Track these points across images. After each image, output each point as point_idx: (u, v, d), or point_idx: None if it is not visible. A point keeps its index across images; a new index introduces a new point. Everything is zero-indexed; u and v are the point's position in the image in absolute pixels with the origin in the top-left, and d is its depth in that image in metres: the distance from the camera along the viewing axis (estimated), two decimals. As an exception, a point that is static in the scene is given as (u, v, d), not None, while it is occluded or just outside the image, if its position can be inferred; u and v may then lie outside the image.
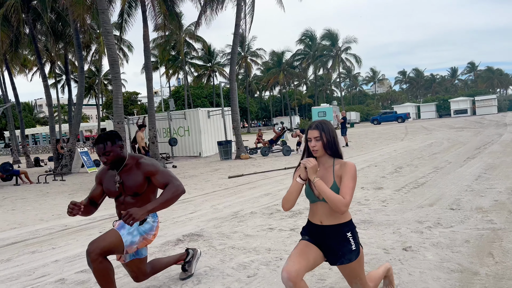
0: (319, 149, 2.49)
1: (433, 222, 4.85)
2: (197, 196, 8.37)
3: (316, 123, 2.56)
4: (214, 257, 4.21)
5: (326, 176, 2.47)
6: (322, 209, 2.49)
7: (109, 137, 2.97)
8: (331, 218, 2.47)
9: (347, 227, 2.49)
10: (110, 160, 2.97)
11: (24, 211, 8.45)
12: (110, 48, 11.52)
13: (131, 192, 3.03)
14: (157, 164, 3.09)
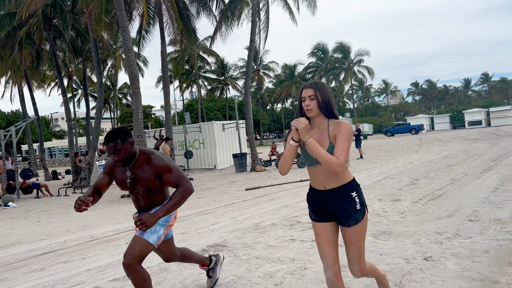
0: (314, 108, 2.39)
1: (452, 233, 4.95)
2: (216, 208, 8.56)
3: (310, 82, 2.48)
4: (240, 267, 4.38)
5: (322, 139, 2.39)
6: (323, 171, 2.41)
7: (119, 135, 2.91)
8: (334, 181, 2.41)
9: (351, 186, 2.44)
10: (121, 158, 2.93)
11: (49, 223, 8.73)
12: (130, 64, 11.92)
13: (143, 188, 3.02)
14: (168, 161, 3.04)
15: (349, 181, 2.44)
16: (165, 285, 4.01)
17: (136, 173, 3.00)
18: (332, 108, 2.41)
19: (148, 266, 4.68)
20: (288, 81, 59.42)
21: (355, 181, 2.49)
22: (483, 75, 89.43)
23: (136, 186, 3.03)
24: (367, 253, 4.37)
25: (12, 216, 10.16)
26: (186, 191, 2.99)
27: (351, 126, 2.39)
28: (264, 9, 17.83)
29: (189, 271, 4.39)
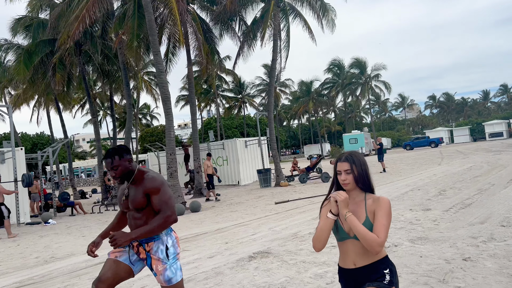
0: (350, 183, 2.32)
1: (487, 237, 5.24)
2: (252, 220, 8.95)
3: (346, 155, 2.40)
4: (289, 270, 4.76)
5: (357, 212, 2.29)
6: (354, 247, 2.28)
7: (117, 152, 2.98)
8: (365, 257, 2.26)
9: (384, 264, 2.26)
10: (118, 174, 2.96)
11: (93, 237, 9.23)
12: (163, 86, 12.57)
13: (133, 207, 2.97)
14: (159, 183, 2.96)
15: (382, 258, 2.27)
16: (224, 286, 4.41)
17: (130, 191, 3.00)
18: (369, 181, 2.33)
19: (202, 271, 5.10)
20: (305, 97, 59.95)
21: (389, 259, 2.31)
22: (502, 86, 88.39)
23: (129, 204, 3.00)
24: (407, 257, 4.73)
25: (55, 232, 10.73)
26: (165, 218, 2.86)
27: (390, 202, 2.28)
28: (285, 29, 18.46)
29: (243, 273, 4.79)
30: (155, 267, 2.92)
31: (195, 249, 6.52)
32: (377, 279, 2.20)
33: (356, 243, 2.23)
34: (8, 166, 13.50)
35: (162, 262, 2.92)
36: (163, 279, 2.91)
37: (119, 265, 2.96)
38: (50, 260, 7.00)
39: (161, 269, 2.92)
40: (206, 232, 8.09)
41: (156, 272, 2.93)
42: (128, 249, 3.03)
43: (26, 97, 29.78)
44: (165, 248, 2.95)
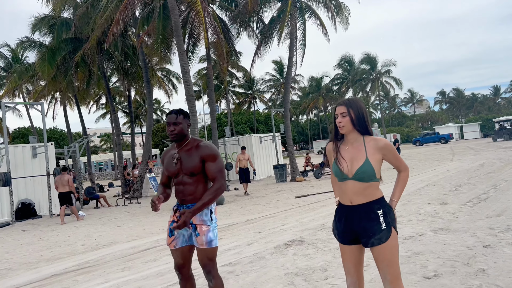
0: (346, 125, 2.45)
1: (504, 228, 5.75)
2: (277, 213, 9.53)
3: (343, 100, 2.54)
4: (326, 255, 5.32)
5: (357, 156, 2.44)
6: (352, 187, 2.45)
7: (182, 111, 3.24)
8: (361, 197, 2.44)
9: (378, 204, 2.44)
10: (177, 130, 3.15)
11: (129, 227, 9.88)
12: (187, 85, 13.16)
13: (187, 171, 3.13)
14: (216, 151, 3.18)
15: (377, 199, 2.44)
16: (268, 269, 4.97)
17: (183, 156, 3.17)
18: (366, 124, 2.46)
19: (245, 256, 5.68)
20: (315, 93, 60.30)
21: (384, 200, 2.48)
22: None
23: (181, 169, 3.16)
24: (432, 245, 5.25)
25: (89, 223, 11.39)
26: (219, 188, 3.08)
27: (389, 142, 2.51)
28: (301, 28, 18.91)
29: (283, 258, 5.36)
30: (199, 228, 3.08)
31: (231, 238, 7.10)
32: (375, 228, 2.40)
33: (354, 183, 2.44)
34: (40, 160, 14.20)
35: (206, 224, 3.10)
36: (205, 240, 3.07)
37: (182, 250, 3.22)
38: (97, 247, 7.63)
39: (205, 230, 3.09)
40: (237, 223, 8.68)
41: (200, 233, 3.08)
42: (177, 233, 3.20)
43: (44, 94, 30.59)
44: (209, 212, 3.15)
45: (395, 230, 2.44)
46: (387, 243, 2.38)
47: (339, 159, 2.49)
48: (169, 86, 41.05)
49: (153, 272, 5.36)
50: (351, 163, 2.45)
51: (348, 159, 2.47)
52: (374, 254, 2.45)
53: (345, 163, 2.46)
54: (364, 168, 2.40)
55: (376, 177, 2.43)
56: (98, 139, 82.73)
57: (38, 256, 7.37)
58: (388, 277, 2.40)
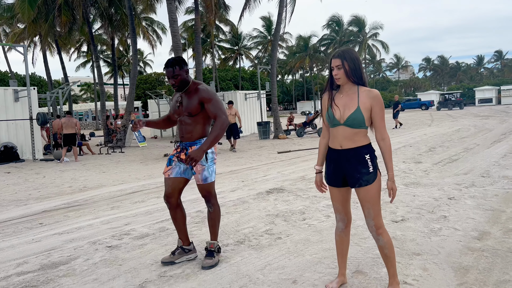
0: (341, 77, 2.58)
1: (469, 184, 6.23)
2: (260, 165, 9.89)
3: (338, 52, 2.63)
4: (304, 201, 5.71)
5: (350, 104, 2.59)
6: (343, 132, 2.62)
7: (178, 62, 3.36)
8: (350, 142, 2.61)
9: (366, 149, 2.63)
10: (177, 83, 3.36)
11: (115, 173, 10.11)
12: (175, 35, 13.00)
13: (187, 112, 3.40)
14: (212, 93, 3.40)
15: (365, 144, 2.64)
16: (251, 211, 5.34)
17: (185, 98, 3.43)
18: (361, 75, 2.58)
19: (229, 200, 6.02)
20: (302, 53, 59.78)
21: (371, 146, 2.67)
22: (496, 53, 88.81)
23: (182, 109, 3.43)
24: (402, 196, 5.69)
25: (73, 168, 11.56)
26: (223, 123, 3.28)
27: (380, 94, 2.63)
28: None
29: (265, 203, 5.73)
30: (195, 168, 3.42)
31: (216, 185, 7.42)
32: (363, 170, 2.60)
33: (345, 129, 2.61)
34: (22, 104, 14.06)
35: (201, 164, 3.39)
36: (201, 178, 3.44)
37: (174, 180, 3.51)
38: (84, 189, 7.88)
39: (200, 169, 3.42)
40: (221, 172, 9.01)
41: (196, 171, 3.45)
42: (174, 164, 3.52)
43: (23, 37, 29.51)
44: (206, 153, 3.38)
45: (379, 172, 2.66)
46: (374, 184, 2.61)
47: (333, 106, 2.64)
48: (153, 37, 40.06)
49: (142, 211, 5.68)
50: (343, 110, 2.61)
51: (341, 106, 2.62)
52: (361, 194, 2.65)
53: (338, 109, 2.62)
54: (355, 115, 2.56)
55: (365, 124, 2.61)
56: (78, 88, 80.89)
57: (26, 195, 7.58)
58: (372, 213, 2.64)
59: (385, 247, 2.68)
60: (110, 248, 4.12)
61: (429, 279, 3.02)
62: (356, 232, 4.15)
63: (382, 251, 2.71)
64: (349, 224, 2.89)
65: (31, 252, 4.12)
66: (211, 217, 3.57)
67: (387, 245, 2.68)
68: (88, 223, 5.20)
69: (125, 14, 20.37)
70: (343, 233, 2.89)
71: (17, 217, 5.75)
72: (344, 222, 2.85)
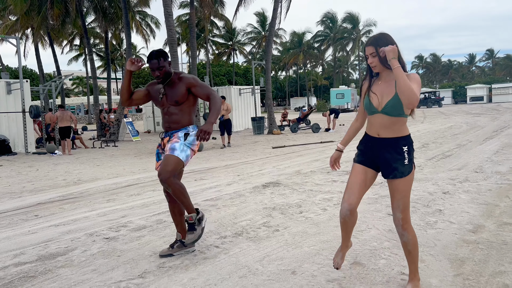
0: (377, 65, 2.51)
1: (462, 179, 6.31)
2: (255, 160, 9.91)
3: (371, 38, 2.55)
4: (301, 195, 5.74)
5: (387, 90, 2.49)
6: (380, 121, 2.52)
7: (162, 54, 3.35)
8: (388, 131, 2.51)
9: (404, 141, 2.53)
10: (162, 74, 3.33)
11: (109, 167, 10.07)
12: (170, 29, 12.93)
13: (172, 101, 3.39)
14: (197, 78, 3.47)
15: (404, 135, 2.54)
16: (248, 204, 5.35)
17: (168, 89, 3.41)
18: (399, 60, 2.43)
19: (226, 193, 6.04)
20: (296, 49, 59.78)
21: (410, 137, 2.58)
22: (488, 51, 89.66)
23: (167, 100, 3.41)
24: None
25: (67, 162, 11.48)
26: (218, 98, 3.33)
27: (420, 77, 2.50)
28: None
29: (262, 196, 5.75)
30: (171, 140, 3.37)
31: (212, 179, 7.45)
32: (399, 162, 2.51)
33: (382, 117, 2.50)
34: (15, 97, 13.91)
35: (178, 138, 3.36)
36: (169, 147, 3.33)
37: None
38: (79, 182, 7.84)
39: (174, 140, 3.35)
40: (216, 167, 9.02)
41: (170, 142, 3.36)
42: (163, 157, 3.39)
43: (16, 29, 29.14)
44: (186, 133, 3.41)
45: (414, 166, 2.59)
46: (408, 177, 2.52)
47: (370, 93, 2.57)
48: (147, 31, 39.75)
49: (138, 204, 5.67)
50: (381, 97, 2.51)
51: (379, 93, 2.53)
52: (393, 185, 2.56)
53: (376, 97, 2.54)
54: (392, 102, 2.46)
55: (404, 112, 2.49)
56: (70, 82, 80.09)
57: (20, 187, 7.53)
58: (401, 206, 2.55)
59: (409, 243, 2.61)
60: (107, 239, 4.12)
61: (426, 270, 3.06)
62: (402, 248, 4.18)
63: (405, 247, 2.64)
64: (354, 211, 2.63)
65: (28, 243, 4.10)
66: (175, 196, 3.31)
67: (411, 241, 2.60)
68: (84, 215, 5.18)
69: (119, 7, 20.21)
70: (347, 218, 2.65)
71: (11, 209, 5.71)
72: (351, 205, 2.59)
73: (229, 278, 3.06)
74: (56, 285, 3.06)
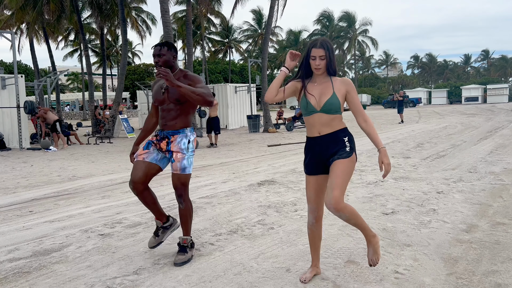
0: (322, 68, 2.66)
1: (457, 179, 6.35)
2: (250, 158, 9.92)
3: (320, 41, 2.66)
4: (296, 193, 5.76)
5: (325, 91, 2.67)
6: (320, 119, 2.68)
7: (167, 44, 3.36)
8: (327, 128, 2.68)
9: (343, 133, 2.71)
10: (161, 61, 3.27)
11: (104, 163, 10.04)
12: (166, 25, 12.89)
13: (173, 98, 3.29)
14: (200, 78, 3.37)
15: (342, 128, 2.72)
16: (243, 201, 5.37)
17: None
18: (335, 67, 2.68)
19: (221, 191, 6.04)
20: (292, 47, 59.74)
21: (348, 129, 2.76)
22: (483, 52, 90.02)
23: (168, 97, 3.32)
24: (391, 189, 5.78)
25: (62, 158, 11.43)
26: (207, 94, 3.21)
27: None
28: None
29: (257, 194, 5.76)
30: (175, 155, 3.30)
31: (207, 176, 7.45)
32: (340, 150, 2.65)
33: (321, 116, 2.66)
34: (9, 92, 13.81)
35: (181, 152, 3.30)
36: (179, 166, 3.29)
37: (148, 165, 3.33)
38: (74, 178, 7.81)
39: (180, 157, 3.30)
40: (212, 164, 9.02)
41: (175, 159, 3.30)
42: (152, 149, 3.38)
43: (10, 24, 28.88)
44: (187, 141, 3.35)
45: (355, 155, 2.69)
46: (347, 160, 2.61)
47: (307, 94, 2.70)
48: (143, 27, 39.58)
49: (133, 201, 5.65)
50: (319, 97, 2.67)
51: (316, 94, 2.68)
52: (333, 166, 2.62)
53: (314, 97, 2.68)
54: (331, 101, 2.64)
55: (340, 110, 2.70)
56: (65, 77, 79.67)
57: (14, 183, 7.49)
58: (335, 183, 2.53)
59: (350, 218, 2.60)
60: (102, 236, 4.11)
61: (419, 268, 3.09)
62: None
63: (349, 223, 2.66)
64: (320, 219, 2.88)
65: (22, 239, 4.09)
66: (182, 213, 3.40)
67: (351, 216, 2.59)
68: (79, 211, 5.17)
69: (115, 3, 20.11)
70: (313, 227, 2.90)
71: (6, 205, 5.68)
72: (314, 214, 2.85)
73: (224, 275, 3.07)
74: (51, 281, 3.06)
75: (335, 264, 3.22)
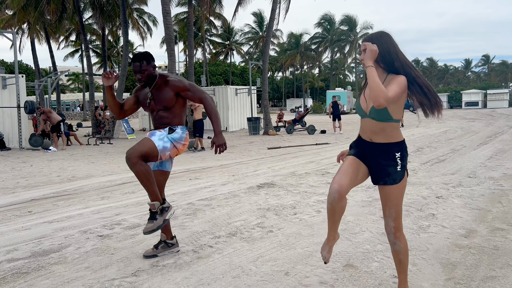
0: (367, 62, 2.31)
1: (456, 184, 6.35)
2: (250, 160, 9.92)
3: (368, 35, 2.44)
4: (295, 196, 5.76)
5: None
6: (370, 126, 2.40)
7: (145, 57, 3.28)
8: (379, 137, 2.39)
9: (397, 147, 2.40)
10: (144, 77, 3.26)
11: (104, 164, 10.04)
12: (168, 27, 12.92)
13: (161, 106, 3.32)
14: (184, 80, 3.37)
15: (397, 141, 2.40)
16: (242, 204, 5.37)
17: (156, 94, 3.33)
18: (392, 61, 2.31)
19: (220, 193, 6.05)
20: (293, 50, 59.85)
21: (404, 143, 2.46)
22: (484, 57, 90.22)
23: (155, 105, 3.34)
24: (391, 193, 5.76)
25: (62, 158, 11.43)
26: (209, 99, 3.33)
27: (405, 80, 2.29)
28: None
29: (256, 197, 5.77)
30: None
31: (206, 178, 7.45)
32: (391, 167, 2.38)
33: (371, 122, 2.37)
34: (10, 92, 13.83)
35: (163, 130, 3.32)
36: (149, 133, 3.30)
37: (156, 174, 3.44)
38: (73, 179, 7.81)
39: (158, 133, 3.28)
40: (211, 166, 9.02)
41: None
42: None
43: (12, 24, 28.95)
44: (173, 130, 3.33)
45: (407, 173, 2.48)
46: (400, 184, 2.41)
47: (361, 96, 2.46)
48: (144, 29, 39.69)
49: (132, 202, 5.66)
50: (369, 101, 2.37)
51: (368, 97, 2.39)
52: (384, 192, 2.45)
53: (365, 100, 2.42)
54: None
55: (392, 117, 2.34)
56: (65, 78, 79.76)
57: (13, 183, 7.49)
58: (394, 214, 2.45)
59: (400, 252, 2.51)
60: (101, 237, 4.11)
61: (418, 273, 3.09)
62: (347, 227, 4.21)
63: (396, 256, 2.54)
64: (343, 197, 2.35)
65: (21, 239, 4.09)
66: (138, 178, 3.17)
67: (402, 250, 2.51)
68: (78, 212, 5.16)
69: (116, 4, 20.15)
70: (335, 202, 2.36)
71: (5, 205, 5.68)
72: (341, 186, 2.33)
73: (222, 278, 3.07)
74: (49, 282, 3.05)
75: (333, 268, 3.22)
